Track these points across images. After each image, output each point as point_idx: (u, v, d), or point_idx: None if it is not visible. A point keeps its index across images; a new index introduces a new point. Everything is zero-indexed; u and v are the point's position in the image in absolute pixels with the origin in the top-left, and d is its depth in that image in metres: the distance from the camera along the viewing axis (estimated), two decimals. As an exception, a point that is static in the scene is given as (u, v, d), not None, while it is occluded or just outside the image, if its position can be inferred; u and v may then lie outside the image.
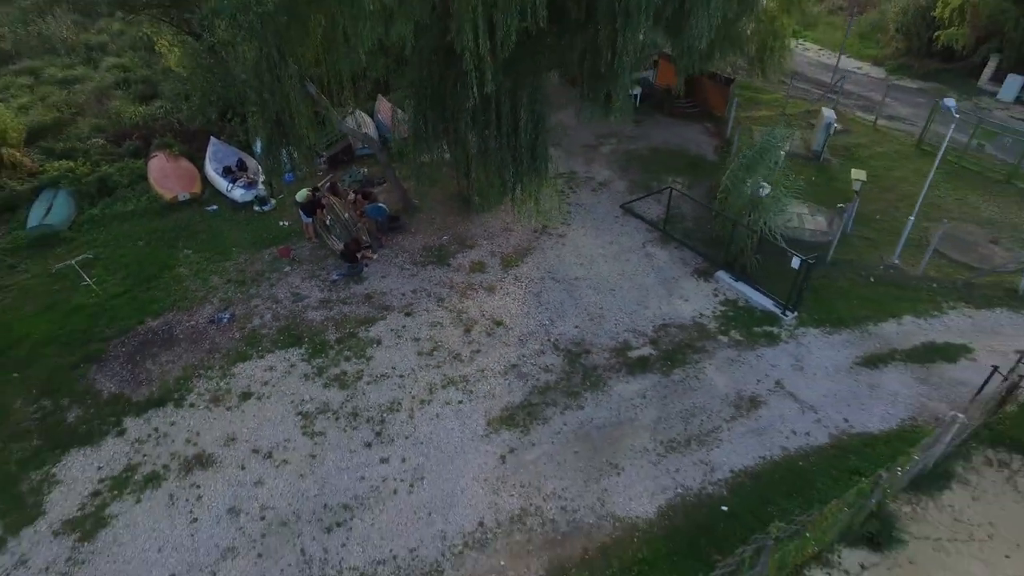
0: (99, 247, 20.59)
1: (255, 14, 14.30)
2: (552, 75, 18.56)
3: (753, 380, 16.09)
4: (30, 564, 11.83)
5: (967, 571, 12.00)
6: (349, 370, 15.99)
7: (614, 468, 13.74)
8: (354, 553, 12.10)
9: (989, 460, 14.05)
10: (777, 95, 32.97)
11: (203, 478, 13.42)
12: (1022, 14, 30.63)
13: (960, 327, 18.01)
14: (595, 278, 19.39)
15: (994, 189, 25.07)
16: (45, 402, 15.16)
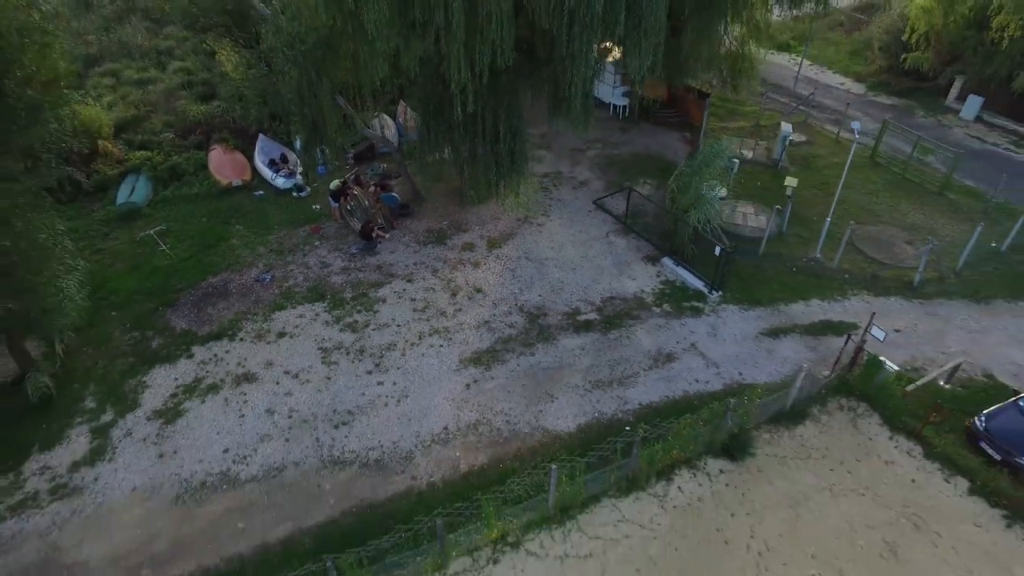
0: (171, 221, 25.86)
1: (298, 50, 19.19)
2: (529, 95, 22.80)
3: (673, 341, 20.45)
4: (134, 435, 17.03)
5: (799, 479, 16.28)
6: (359, 320, 20.87)
7: (550, 397, 18.32)
8: (353, 442, 16.96)
9: (840, 406, 18.22)
10: (755, 107, 36.75)
11: (248, 389, 18.45)
12: (981, 41, 33.80)
13: (857, 310, 22.01)
14: (562, 259, 23.90)
15: (927, 199, 28.68)
16: (135, 333, 20.39)
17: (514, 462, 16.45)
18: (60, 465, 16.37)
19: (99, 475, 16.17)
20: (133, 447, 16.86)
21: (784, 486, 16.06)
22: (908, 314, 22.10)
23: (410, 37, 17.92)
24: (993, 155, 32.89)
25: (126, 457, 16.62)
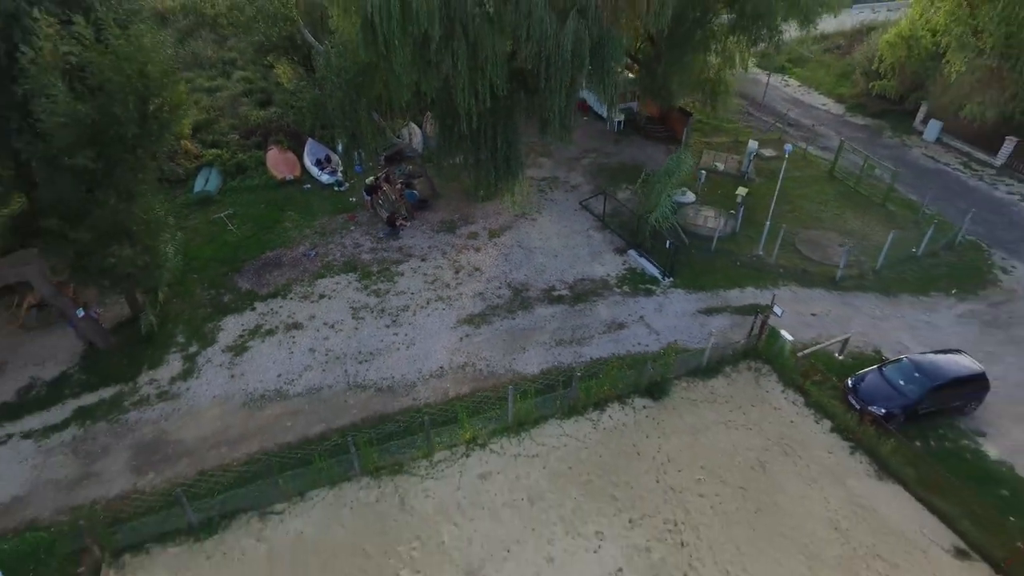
0: (236, 207, 32.15)
1: (343, 77, 25.16)
2: (524, 116, 28.32)
3: (626, 314, 25.85)
4: (212, 362, 23.20)
5: (703, 415, 21.56)
6: (382, 287, 26.76)
7: (523, 349, 23.93)
8: (372, 374, 22.82)
9: (749, 367, 23.42)
10: (736, 125, 41.68)
11: (296, 334, 24.48)
12: (940, 72, 38.15)
13: (781, 297, 26.98)
14: (547, 248, 29.46)
15: (870, 209, 33.39)
16: (212, 291, 26.62)
17: (490, 392, 22.07)
18: (163, 379, 22.60)
19: (190, 387, 22.34)
20: (212, 370, 23.01)
21: (690, 419, 21.38)
22: (826, 302, 27.08)
23: (427, 72, 23.68)
24: (943, 174, 37.41)
25: (207, 376, 22.78)
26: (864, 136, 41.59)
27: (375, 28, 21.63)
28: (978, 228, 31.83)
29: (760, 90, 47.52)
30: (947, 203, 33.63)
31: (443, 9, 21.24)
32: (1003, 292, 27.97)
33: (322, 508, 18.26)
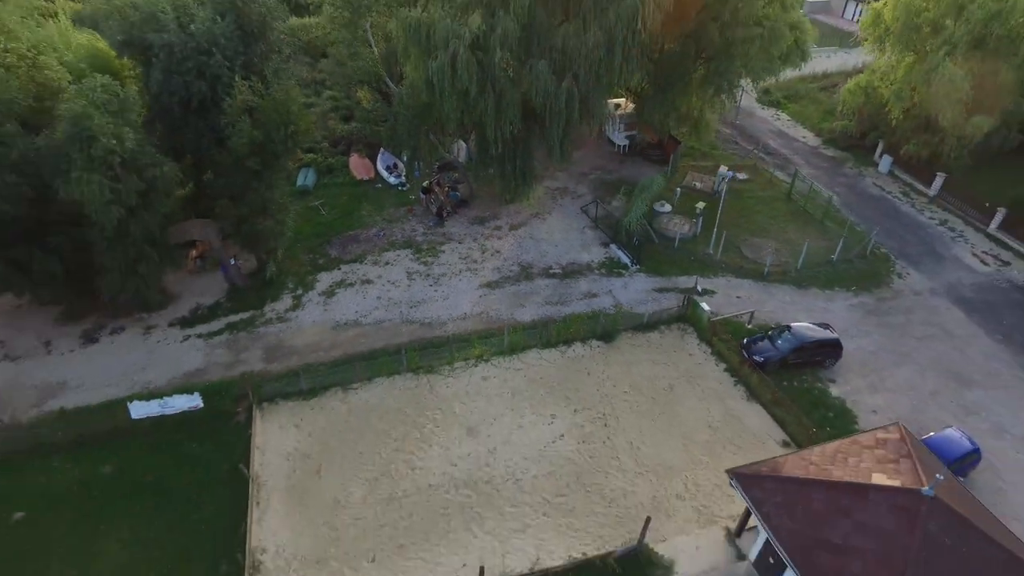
0: (326, 197, 43.71)
1: (411, 110, 36.32)
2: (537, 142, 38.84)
3: (599, 288, 36.07)
4: (312, 301, 34.63)
5: (638, 355, 31.61)
6: (429, 260, 37.77)
7: (522, 305, 34.50)
8: (418, 315, 33.78)
9: (679, 328, 33.33)
10: (721, 151, 51.08)
11: (368, 287, 35.69)
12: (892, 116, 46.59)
13: (718, 284, 36.74)
14: (550, 239, 39.92)
15: (810, 225, 42.46)
16: (310, 255, 38.15)
17: (495, 331, 32.64)
18: (280, 309, 34.12)
19: (297, 315, 33.79)
20: (312, 305, 34.41)
21: (628, 357, 31.49)
22: (751, 289, 36.62)
23: (467, 112, 34.54)
24: (884, 200, 46.10)
25: (308, 309, 34.19)
26: (829, 166, 50.46)
27: (433, 83, 32.67)
28: (892, 243, 40.77)
29: (755, 122, 56.93)
30: (877, 223, 42.36)
31: (479, 74, 32.07)
32: (891, 292, 36.93)
33: (381, 387, 29.28)
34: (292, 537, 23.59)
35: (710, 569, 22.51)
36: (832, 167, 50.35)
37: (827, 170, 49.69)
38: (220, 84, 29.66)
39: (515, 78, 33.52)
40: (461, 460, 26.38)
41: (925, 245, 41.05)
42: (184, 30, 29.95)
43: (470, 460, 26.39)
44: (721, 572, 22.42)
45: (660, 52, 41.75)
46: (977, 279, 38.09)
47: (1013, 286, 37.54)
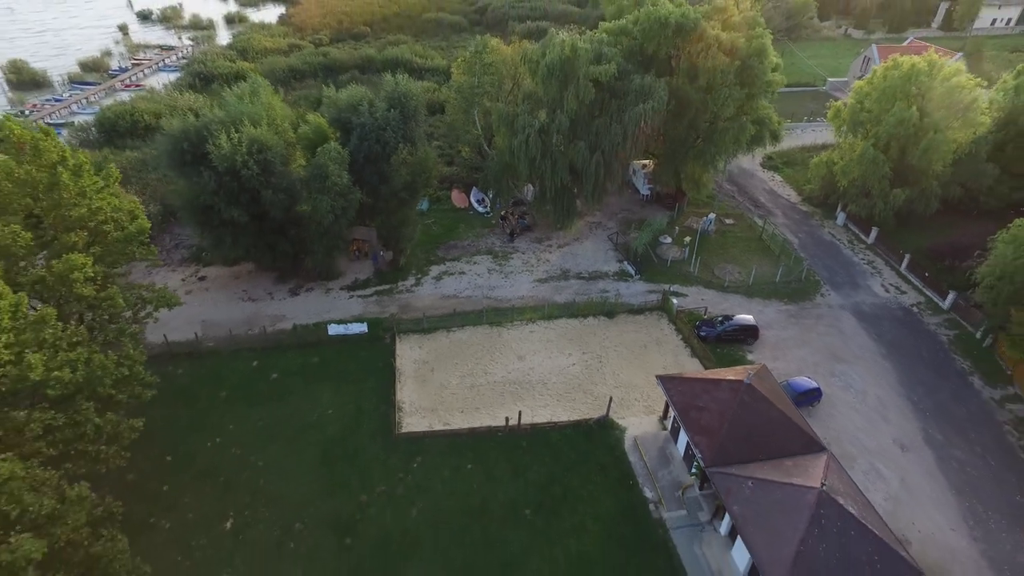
0: (436, 218, 64.78)
1: (496, 165, 56.98)
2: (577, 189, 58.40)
3: (610, 287, 55.14)
4: (427, 282, 55.31)
5: (628, 327, 50.45)
6: (502, 263, 57.93)
7: (560, 293, 54.02)
8: (493, 295, 53.79)
9: (657, 314, 51.96)
10: (718, 201, 69.31)
11: (462, 278, 56.12)
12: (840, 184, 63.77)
13: (691, 291, 55.13)
14: (583, 255, 59.39)
15: (768, 257, 60.13)
16: (426, 254, 59.02)
17: (540, 306, 52.16)
18: (408, 284, 54.90)
19: (418, 289, 54.45)
20: (427, 284, 55.04)
21: (621, 327, 50.32)
22: (713, 295, 54.78)
23: (532, 170, 54.79)
24: (832, 244, 63.21)
25: (425, 286, 54.82)
26: (800, 218, 67.92)
27: (513, 151, 53.25)
28: (826, 273, 58.05)
29: (754, 182, 75.05)
30: (821, 259, 59.63)
31: (542, 148, 52.40)
32: (812, 304, 54.24)
33: (468, 331, 49.27)
34: (416, 398, 43.49)
35: (645, 432, 40.89)
36: (803, 219, 67.82)
37: (799, 221, 67.21)
38: (388, 147, 51.02)
39: (564, 151, 53.67)
40: (513, 371, 45.81)
41: (849, 276, 58.07)
42: (371, 115, 51.62)
43: (518, 372, 45.78)
44: (650, 433, 40.76)
45: (671, 133, 61.03)
46: (877, 301, 54.94)
47: (899, 307, 54.20)
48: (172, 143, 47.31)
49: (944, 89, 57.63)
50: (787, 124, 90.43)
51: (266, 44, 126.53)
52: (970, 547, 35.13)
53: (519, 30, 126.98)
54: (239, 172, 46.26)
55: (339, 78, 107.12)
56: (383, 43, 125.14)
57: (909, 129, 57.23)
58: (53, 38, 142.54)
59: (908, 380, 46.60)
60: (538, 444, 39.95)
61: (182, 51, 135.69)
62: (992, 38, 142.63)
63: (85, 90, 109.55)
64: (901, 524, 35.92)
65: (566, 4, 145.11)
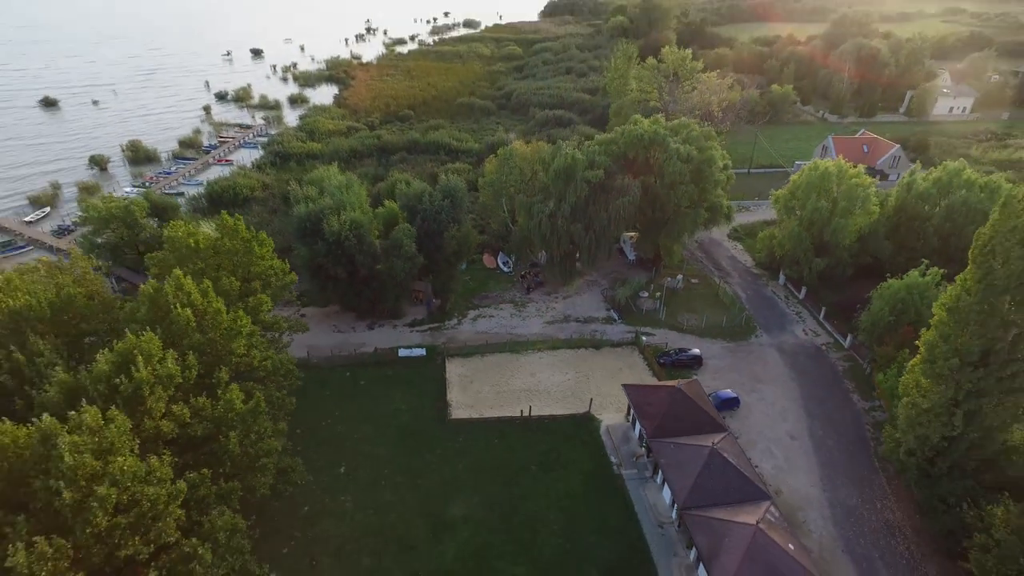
0: (471, 276, 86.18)
1: (518, 237, 78.67)
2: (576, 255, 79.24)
3: (599, 328, 75.54)
4: (465, 323, 76.39)
5: (609, 355, 70.65)
6: (521, 309, 78.82)
7: (562, 331, 74.56)
8: (513, 331, 74.52)
9: (632, 347, 72.13)
10: (689, 266, 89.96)
11: (491, 318, 77.02)
12: (778, 254, 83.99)
13: (659, 332, 75.31)
14: (581, 305, 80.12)
15: (720, 308, 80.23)
16: (464, 301, 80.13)
17: (547, 340, 72.64)
18: (452, 323, 75.86)
19: (459, 326, 75.34)
20: (467, 323, 75.96)
21: (604, 356, 70.44)
22: (674, 336, 74.86)
23: (544, 242, 76.22)
24: (771, 299, 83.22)
25: (465, 325, 75.72)
26: (752, 279, 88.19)
27: (530, 229, 74.89)
28: (763, 320, 77.90)
29: (720, 250, 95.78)
30: (759, 310, 79.52)
31: (551, 228, 73.94)
32: (747, 343, 73.97)
33: (497, 356, 69.80)
34: (460, 398, 63.70)
35: (614, 423, 60.51)
36: (753, 280, 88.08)
37: (750, 281, 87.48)
38: (442, 225, 72.80)
39: (567, 229, 75.14)
40: (527, 383, 65.95)
41: (780, 323, 77.82)
42: (431, 203, 73.64)
43: (530, 383, 65.92)
44: (617, 423, 60.37)
45: (646, 216, 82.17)
46: (796, 341, 74.49)
47: (812, 346, 73.67)
48: (299, 222, 69.75)
49: (847, 186, 78.38)
50: (756, 200, 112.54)
51: (328, 126, 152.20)
52: (820, 496, 53.92)
53: (539, 117, 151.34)
54: (342, 242, 68.25)
55: (391, 158, 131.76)
56: (425, 127, 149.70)
57: (824, 215, 77.85)
58: (154, 118, 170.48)
59: (807, 395, 65.81)
60: (542, 429, 59.85)
61: (257, 129, 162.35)
62: (949, 124, 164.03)
63: (187, 165, 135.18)
64: (780, 483, 54.91)
65: (580, 92, 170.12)
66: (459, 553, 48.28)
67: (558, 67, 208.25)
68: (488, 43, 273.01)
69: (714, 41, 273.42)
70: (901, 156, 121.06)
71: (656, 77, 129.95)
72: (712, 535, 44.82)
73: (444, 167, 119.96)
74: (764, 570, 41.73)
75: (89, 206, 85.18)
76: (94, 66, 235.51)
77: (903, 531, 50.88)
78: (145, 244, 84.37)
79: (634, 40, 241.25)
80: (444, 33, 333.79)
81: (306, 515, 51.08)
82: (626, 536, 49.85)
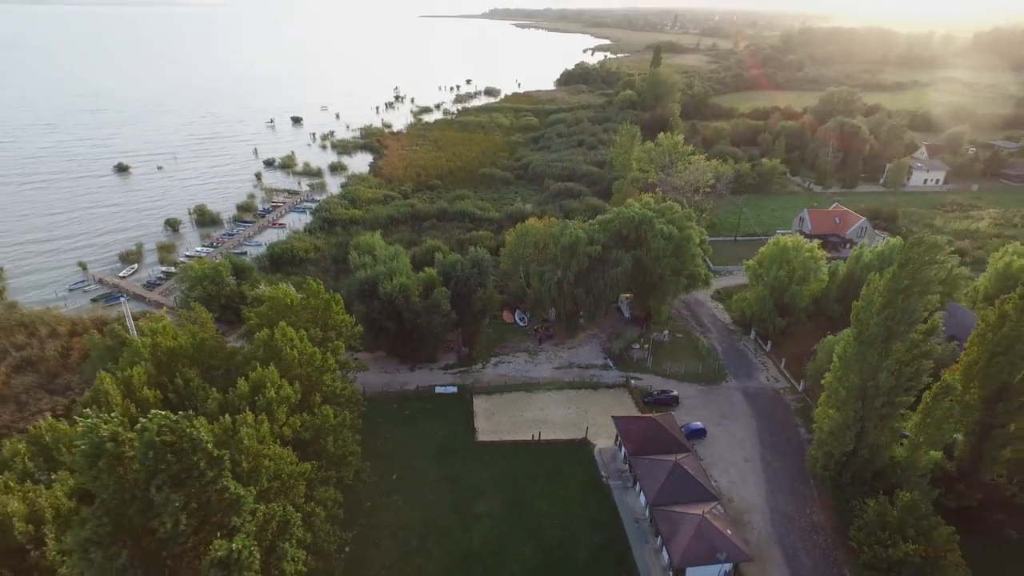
0: (493, 329, 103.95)
1: (532, 298, 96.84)
2: (581, 313, 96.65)
3: (597, 374, 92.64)
4: (488, 368, 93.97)
5: (606, 396, 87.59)
6: (533, 357, 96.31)
7: (567, 374, 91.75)
8: (528, 375, 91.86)
9: (625, 389, 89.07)
10: (675, 322, 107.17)
11: (509, 364, 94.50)
12: (749, 313, 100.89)
13: (647, 377, 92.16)
14: (583, 354, 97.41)
15: (698, 357, 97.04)
16: (488, 351, 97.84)
17: (555, 382, 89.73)
18: (478, 368, 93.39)
19: (483, 370, 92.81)
20: (489, 368, 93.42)
21: (601, 396, 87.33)
22: (658, 380, 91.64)
23: (553, 302, 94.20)
24: (743, 350, 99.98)
25: (487, 369, 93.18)
26: (728, 334, 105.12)
27: (542, 292, 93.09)
28: (732, 368, 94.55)
29: (703, 309, 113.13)
30: (730, 359, 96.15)
31: (558, 291, 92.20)
32: (718, 386, 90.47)
33: (514, 395, 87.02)
34: (485, 426, 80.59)
35: (605, 446, 76.95)
36: (729, 335, 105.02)
37: (726, 336, 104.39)
38: (471, 289, 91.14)
39: (572, 292, 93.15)
40: (537, 415, 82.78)
41: (747, 371, 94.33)
42: (462, 270, 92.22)
43: (540, 416, 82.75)
44: (607, 447, 76.79)
45: (636, 282, 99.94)
46: (759, 386, 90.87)
47: (772, 390, 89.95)
48: (360, 285, 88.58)
49: (802, 259, 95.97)
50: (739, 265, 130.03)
51: (367, 194, 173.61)
52: (763, 504, 69.61)
53: (552, 188, 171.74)
54: (393, 301, 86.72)
55: (423, 224, 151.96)
56: (452, 196, 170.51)
57: (783, 282, 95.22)
58: (212, 184, 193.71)
59: (762, 429, 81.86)
60: (548, 450, 76.44)
61: (304, 195, 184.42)
62: (923, 194, 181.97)
63: (246, 227, 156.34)
64: (733, 493, 70.74)
65: (589, 165, 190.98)
66: (483, 538, 64.56)
67: (571, 139, 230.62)
68: (507, 113, 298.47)
69: (716, 112, 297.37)
70: (867, 227, 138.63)
71: (653, 159, 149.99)
72: (671, 523, 60.93)
73: (469, 234, 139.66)
74: (707, 546, 57.73)
75: (187, 267, 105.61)
76: (154, 134, 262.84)
77: (824, 529, 66.37)
78: (226, 298, 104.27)
79: (641, 112, 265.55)
80: (467, 101, 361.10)
81: (368, 509, 67.80)
82: (611, 528, 65.89)
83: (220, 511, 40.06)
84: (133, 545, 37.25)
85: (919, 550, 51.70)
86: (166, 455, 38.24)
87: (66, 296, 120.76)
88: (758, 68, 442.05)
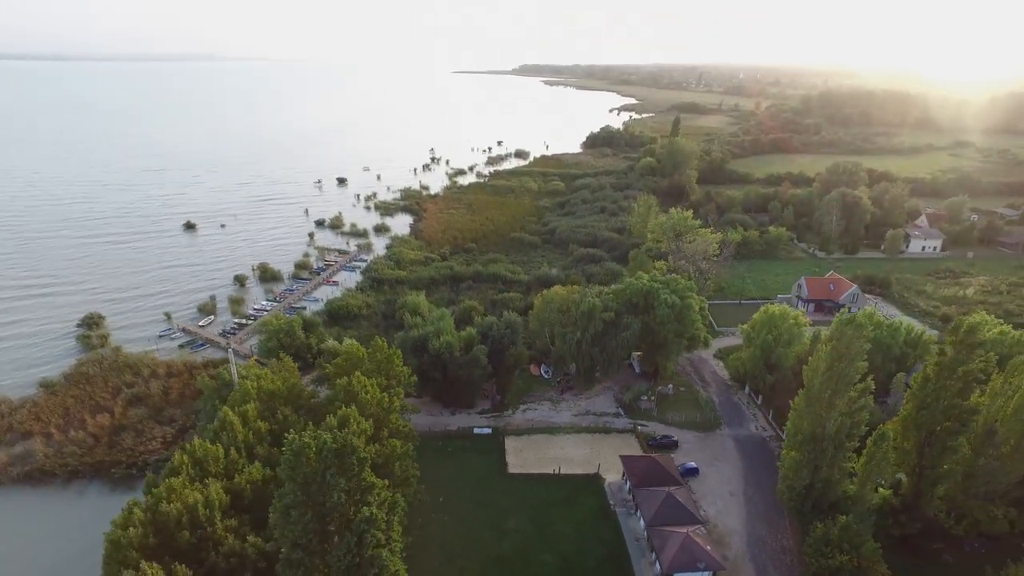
0: (521, 380, 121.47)
1: (558, 355, 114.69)
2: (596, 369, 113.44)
3: (610, 421, 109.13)
4: (518, 413, 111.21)
5: (616, 439, 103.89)
6: (556, 405, 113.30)
7: (584, 420, 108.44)
8: (551, 421, 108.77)
9: (631, 431, 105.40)
10: (679, 377, 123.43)
11: (535, 411, 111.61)
12: (744, 373, 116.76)
13: (652, 424, 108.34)
14: (599, 404, 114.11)
15: (697, 407, 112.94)
16: (517, 399, 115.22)
17: (574, 426, 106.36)
18: (510, 413, 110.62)
19: (513, 415, 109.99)
20: (518, 413, 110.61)
21: (612, 439, 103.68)
22: (662, 427, 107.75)
23: (573, 358, 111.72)
24: (737, 404, 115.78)
25: (519, 413, 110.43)
26: (725, 389, 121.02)
27: (564, 351, 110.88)
28: (727, 417, 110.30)
29: (705, 366, 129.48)
30: (727, 411, 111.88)
31: (577, 349, 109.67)
32: (712, 433, 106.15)
33: (539, 436, 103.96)
34: (515, 461, 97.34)
35: (614, 480, 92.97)
36: (726, 389, 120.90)
37: (723, 390, 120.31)
38: (504, 346, 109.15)
39: (588, 351, 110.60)
40: (558, 454, 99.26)
41: (739, 421, 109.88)
42: (498, 331, 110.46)
43: (560, 454, 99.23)
44: (616, 481, 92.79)
45: (644, 342, 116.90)
46: (749, 434, 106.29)
47: (760, 437, 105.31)
48: (413, 342, 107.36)
49: (787, 325, 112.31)
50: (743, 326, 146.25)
51: (410, 256, 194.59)
52: (742, 529, 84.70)
53: (576, 254, 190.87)
54: (440, 356, 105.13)
55: (460, 285, 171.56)
56: (486, 259, 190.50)
57: (771, 345, 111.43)
58: (270, 243, 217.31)
59: (747, 468, 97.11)
60: (566, 481, 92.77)
61: (353, 254, 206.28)
62: (921, 261, 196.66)
63: (304, 284, 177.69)
64: (718, 521, 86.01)
65: (610, 232, 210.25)
66: (512, 547, 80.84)
67: (594, 206, 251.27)
68: (536, 177, 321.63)
69: (732, 177, 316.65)
70: (858, 293, 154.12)
71: (666, 231, 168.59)
72: (662, 539, 76.68)
73: (501, 295, 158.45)
74: (689, 557, 73.33)
75: (266, 322, 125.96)
76: (214, 193, 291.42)
77: (792, 551, 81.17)
78: (296, 348, 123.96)
79: (660, 178, 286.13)
80: (498, 164, 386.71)
81: (420, 524, 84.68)
82: (615, 545, 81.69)
83: (362, 491, 58.51)
84: (313, 510, 56.28)
85: (851, 560, 66.76)
86: (334, 455, 56.93)
87: (156, 342, 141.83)
88: (776, 132, 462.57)
